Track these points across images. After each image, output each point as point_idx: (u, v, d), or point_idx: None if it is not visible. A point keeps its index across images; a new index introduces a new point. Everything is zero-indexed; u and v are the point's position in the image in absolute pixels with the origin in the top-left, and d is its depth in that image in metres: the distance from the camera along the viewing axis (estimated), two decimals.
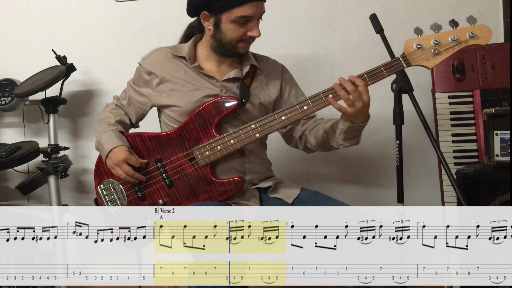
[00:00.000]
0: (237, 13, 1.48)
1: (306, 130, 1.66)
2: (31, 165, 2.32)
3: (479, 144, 1.93)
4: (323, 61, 2.28)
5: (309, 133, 1.64)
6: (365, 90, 1.41)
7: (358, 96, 1.40)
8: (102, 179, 1.64)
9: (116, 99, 1.76)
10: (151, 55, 1.67)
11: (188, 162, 1.57)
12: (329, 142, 1.58)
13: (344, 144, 1.53)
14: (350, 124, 1.46)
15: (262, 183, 1.65)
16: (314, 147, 1.64)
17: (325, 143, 1.59)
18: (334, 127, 1.53)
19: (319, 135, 1.59)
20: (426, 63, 1.43)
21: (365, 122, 1.48)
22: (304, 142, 1.68)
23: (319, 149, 1.65)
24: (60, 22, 2.41)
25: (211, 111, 1.56)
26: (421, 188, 2.24)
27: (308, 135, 1.64)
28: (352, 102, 1.40)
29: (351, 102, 1.40)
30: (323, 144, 1.61)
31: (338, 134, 1.52)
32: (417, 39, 1.43)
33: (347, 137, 1.51)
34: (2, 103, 2.19)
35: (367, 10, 2.14)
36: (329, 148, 1.61)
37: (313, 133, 1.63)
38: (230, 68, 1.64)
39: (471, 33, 1.40)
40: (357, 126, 1.47)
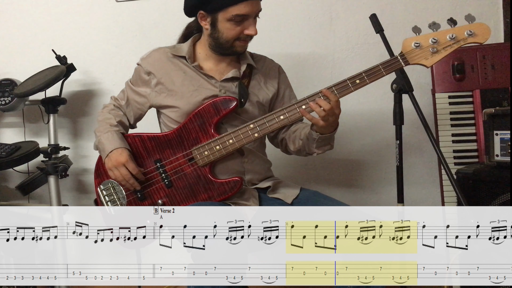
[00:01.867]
0: (233, 11, 1.49)
1: (286, 135, 1.70)
2: (31, 165, 2.32)
3: (479, 144, 1.93)
4: (323, 61, 2.28)
5: (288, 139, 1.69)
6: (337, 105, 1.45)
7: (332, 111, 1.43)
8: (102, 179, 1.64)
9: (114, 100, 1.76)
10: (150, 55, 1.67)
11: (187, 162, 1.57)
12: (305, 150, 1.62)
13: (318, 151, 1.57)
14: (320, 135, 1.50)
15: (262, 183, 1.65)
16: (293, 152, 1.69)
17: (301, 150, 1.63)
18: (308, 136, 1.56)
19: (297, 142, 1.64)
20: (425, 62, 1.44)
21: (335, 131, 1.53)
22: (284, 146, 1.73)
23: (298, 155, 1.69)
24: (60, 22, 2.41)
25: (210, 111, 1.56)
26: (421, 188, 2.24)
27: (288, 141, 1.69)
28: (327, 117, 1.43)
29: (326, 117, 1.44)
30: (300, 151, 1.65)
31: (311, 142, 1.55)
32: (415, 38, 1.43)
33: (319, 145, 1.55)
34: (2, 103, 2.19)
35: (367, 10, 2.14)
36: (306, 154, 1.64)
37: (291, 139, 1.67)
38: (229, 67, 1.65)
39: (470, 31, 1.41)
40: (327, 136, 1.51)
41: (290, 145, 1.67)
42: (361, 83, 1.46)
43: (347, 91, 1.46)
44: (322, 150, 1.57)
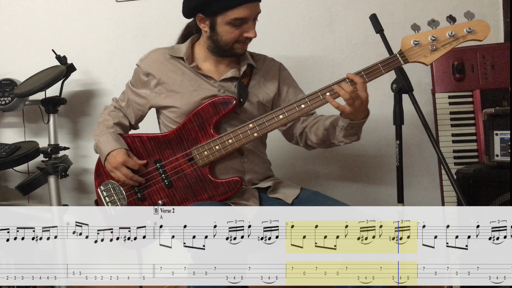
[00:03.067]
0: (232, 15, 1.48)
1: (307, 127, 1.65)
2: (31, 165, 2.32)
3: (479, 144, 1.93)
4: (323, 61, 2.28)
5: (309, 131, 1.64)
6: (363, 88, 1.40)
7: (356, 94, 1.40)
8: (102, 180, 1.64)
9: (115, 101, 1.76)
10: (148, 56, 1.67)
11: (187, 162, 1.57)
12: (329, 139, 1.58)
13: (345, 140, 1.53)
14: (350, 121, 1.46)
15: (262, 183, 1.65)
16: (315, 144, 1.64)
17: (325, 140, 1.59)
18: (334, 124, 1.53)
19: (320, 133, 1.59)
20: (424, 60, 1.43)
21: (365, 118, 1.48)
22: (304, 139, 1.67)
23: (320, 146, 1.65)
24: (60, 22, 2.41)
25: (209, 111, 1.56)
26: (421, 188, 2.24)
27: (309, 133, 1.64)
28: (352, 100, 1.40)
29: (351, 101, 1.40)
30: (323, 142, 1.60)
31: (338, 131, 1.51)
32: (414, 36, 1.43)
33: (347, 134, 1.50)
34: (2, 103, 2.19)
35: (367, 10, 2.14)
36: (329, 145, 1.60)
37: (313, 130, 1.62)
38: (228, 68, 1.64)
39: (469, 29, 1.40)
40: (357, 122, 1.46)
41: (312, 136, 1.62)
42: None
43: None
44: (349, 140, 1.52)
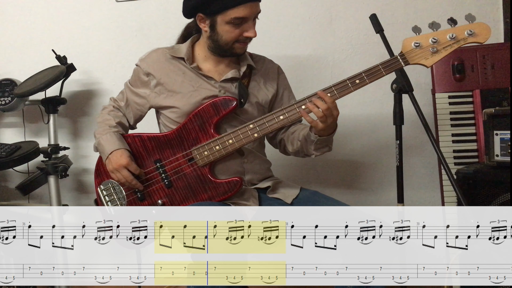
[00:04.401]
0: (232, 14, 1.48)
1: (285, 136, 1.70)
2: (31, 165, 2.32)
3: (479, 144, 1.92)
4: (323, 61, 2.28)
5: (287, 140, 1.68)
6: (334, 106, 1.44)
7: (330, 112, 1.43)
8: (102, 179, 1.64)
9: (113, 101, 1.75)
10: (149, 56, 1.67)
11: (187, 162, 1.57)
12: (303, 151, 1.62)
13: (316, 153, 1.57)
14: (319, 137, 1.50)
15: (261, 183, 1.65)
16: (292, 153, 1.69)
17: (299, 151, 1.64)
18: (306, 138, 1.56)
19: (295, 144, 1.64)
20: (425, 62, 1.43)
21: (333, 133, 1.52)
22: (283, 146, 1.72)
23: (296, 156, 1.69)
24: (60, 22, 2.41)
25: (210, 111, 1.56)
26: (421, 188, 2.24)
27: (286, 141, 1.69)
28: (325, 118, 1.43)
29: (324, 119, 1.44)
30: (298, 152, 1.65)
31: (309, 144, 1.55)
32: (415, 38, 1.43)
33: (317, 147, 1.54)
34: (2, 103, 2.19)
35: (367, 10, 2.14)
36: (304, 155, 1.64)
37: (290, 140, 1.67)
38: (228, 68, 1.65)
39: (470, 31, 1.40)
40: (325, 138, 1.51)
41: (289, 146, 1.67)
42: (361, 83, 1.46)
43: (347, 91, 1.46)
44: (320, 152, 1.56)
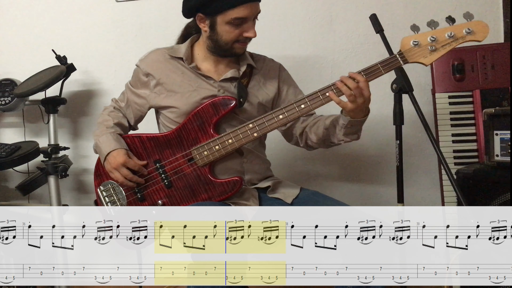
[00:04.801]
0: (232, 14, 1.48)
1: (307, 127, 1.66)
2: (31, 165, 2.32)
3: (479, 144, 1.92)
4: (323, 61, 2.28)
5: (309, 130, 1.64)
6: (366, 86, 1.41)
7: (360, 92, 1.40)
8: (102, 180, 1.64)
9: (115, 102, 1.76)
10: (148, 56, 1.67)
11: (186, 163, 1.57)
12: (329, 139, 1.58)
13: (345, 139, 1.53)
14: (351, 119, 1.46)
15: (261, 183, 1.65)
16: (315, 143, 1.65)
17: (325, 139, 1.60)
18: (334, 123, 1.53)
19: (320, 132, 1.60)
20: (423, 60, 1.43)
21: (365, 117, 1.49)
22: (304, 139, 1.68)
23: (320, 146, 1.65)
24: (60, 22, 2.41)
25: (209, 111, 1.56)
26: (421, 188, 2.24)
27: (309, 132, 1.64)
28: (354, 97, 1.40)
29: (353, 98, 1.40)
30: (323, 141, 1.61)
31: (338, 129, 1.52)
32: (413, 36, 1.43)
33: (347, 132, 1.51)
34: (2, 103, 2.19)
35: (367, 10, 2.14)
36: (330, 144, 1.61)
37: (313, 130, 1.63)
38: (228, 68, 1.64)
39: (468, 29, 1.41)
40: (357, 120, 1.47)
41: (312, 136, 1.63)
42: None
43: None
44: (349, 139, 1.52)
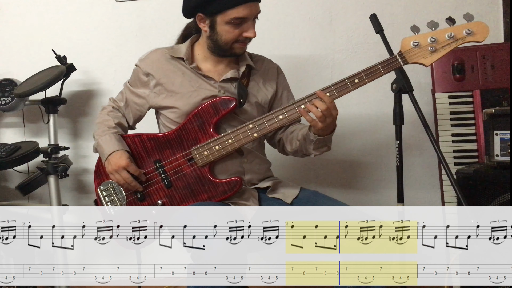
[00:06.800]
0: (232, 14, 1.49)
1: (284, 135, 1.69)
2: (31, 165, 2.32)
3: (479, 144, 1.93)
4: (323, 61, 2.28)
5: (285, 139, 1.68)
6: (333, 106, 1.44)
7: (329, 112, 1.43)
8: (102, 180, 1.64)
9: (113, 101, 1.75)
10: (148, 56, 1.67)
11: (186, 163, 1.57)
12: (302, 151, 1.61)
13: (315, 153, 1.56)
14: (318, 137, 1.49)
15: (261, 183, 1.65)
16: (290, 152, 1.68)
17: (298, 151, 1.63)
18: (305, 137, 1.56)
19: (294, 143, 1.63)
20: (423, 61, 1.44)
21: (332, 133, 1.52)
22: (281, 146, 1.72)
23: (295, 155, 1.69)
24: (60, 22, 2.41)
25: (209, 111, 1.56)
26: (421, 188, 2.24)
27: (285, 141, 1.68)
28: (324, 118, 1.43)
29: (323, 118, 1.43)
30: (297, 152, 1.64)
31: (308, 144, 1.54)
32: (413, 37, 1.44)
33: (316, 147, 1.54)
34: (2, 103, 2.19)
35: (367, 10, 2.14)
36: (303, 155, 1.64)
37: (289, 140, 1.66)
38: (228, 68, 1.65)
39: (468, 30, 1.41)
40: (324, 137, 1.50)
41: (287, 145, 1.67)
42: (360, 83, 1.46)
43: (346, 91, 1.46)
44: (319, 152, 1.56)
